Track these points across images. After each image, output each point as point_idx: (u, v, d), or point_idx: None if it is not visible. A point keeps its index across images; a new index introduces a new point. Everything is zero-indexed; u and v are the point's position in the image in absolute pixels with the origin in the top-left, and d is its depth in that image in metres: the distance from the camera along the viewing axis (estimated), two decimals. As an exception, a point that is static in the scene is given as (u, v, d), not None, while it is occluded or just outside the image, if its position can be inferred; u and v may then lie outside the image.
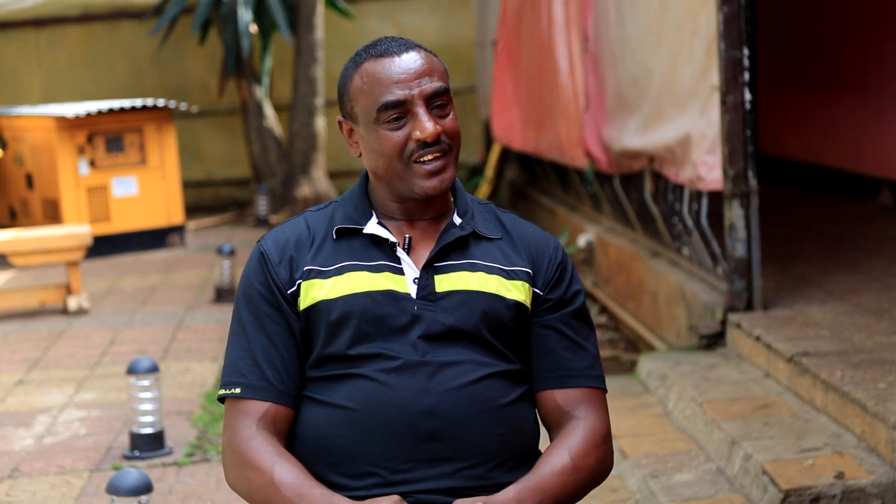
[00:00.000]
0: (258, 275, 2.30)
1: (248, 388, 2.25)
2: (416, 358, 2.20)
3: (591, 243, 7.64)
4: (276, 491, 2.17)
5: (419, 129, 2.21)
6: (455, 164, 2.27)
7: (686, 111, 5.64)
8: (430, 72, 2.23)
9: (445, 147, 2.24)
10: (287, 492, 2.16)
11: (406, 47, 2.25)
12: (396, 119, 2.22)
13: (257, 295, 2.28)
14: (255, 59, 12.19)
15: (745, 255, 5.24)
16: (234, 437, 2.25)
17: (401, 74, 2.21)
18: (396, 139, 2.22)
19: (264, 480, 2.18)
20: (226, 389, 2.28)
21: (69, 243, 7.67)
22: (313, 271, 2.26)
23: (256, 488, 2.19)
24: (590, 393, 2.31)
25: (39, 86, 13.10)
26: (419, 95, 2.21)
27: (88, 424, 5.27)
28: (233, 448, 2.25)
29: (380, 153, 2.24)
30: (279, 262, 2.28)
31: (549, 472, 2.20)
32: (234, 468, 2.25)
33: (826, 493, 3.69)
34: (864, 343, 4.68)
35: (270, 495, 2.17)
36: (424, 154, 2.22)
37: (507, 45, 9.68)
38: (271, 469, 2.18)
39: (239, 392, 2.26)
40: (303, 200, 11.59)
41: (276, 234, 2.34)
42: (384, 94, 2.21)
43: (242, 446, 2.22)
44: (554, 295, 2.31)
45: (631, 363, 6.02)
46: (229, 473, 2.28)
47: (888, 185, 8.20)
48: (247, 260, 2.35)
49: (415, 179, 2.24)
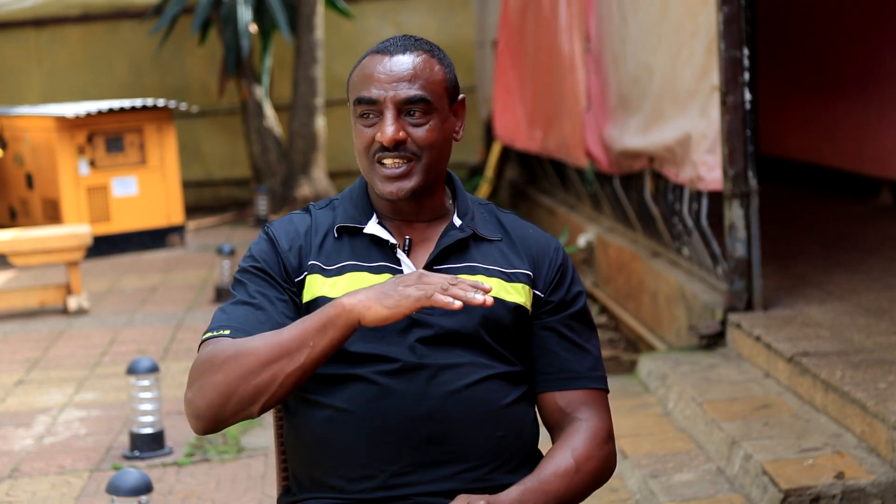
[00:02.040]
0: (265, 253, 2.27)
1: (238, 332, 2.16)
2: (414, 360, 2.19)
3: (591, 243, 7.64)
4: (266, 344, 2.06)
5: (380, 131, 2.22)
6: (423, 173, 2.24)
7: (686, 111, 5.64)
8: (413, 78, 2.22)
9: (409, 155, 2.23)
10: (283, 334, 2.07)
11: (406, 48, 2.25)
12: (367, 116, 2.23)
13: (261, 269, 2.24)
14: (255, 59, 12.19)
15: (745, 255, 5.24)
16: (202, 351, 2.15)
17: (381, 74, 2.22)
18: (365, 135, 2.24)
19: (237, 349, 2.08)
20: (213, 332, 2.17)
21: (69, 243, 7.67)
22: (317, 267, 2.25)
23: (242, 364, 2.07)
24: (592, 394, 2.30)
25: (39, 86, 13.10)
26: (391, 99, 2.21)
27: (88, 424, 5.27)
28: (201, 358, 2.13)
29: (355, 145, 2.28)
30: (289, 249, 2.27)
31: (552, 473, 2.20)
32: (204, 373, 2.10)
33: (826, 493, 3.69)
34: (864, 343, 4.68)
35: (260, 358, 2.05)
36: (384, 157, 2.23)
37: (509, 44, 9.68)
38: (244, 342, 2.09)
39: (228, 333, 2.16)
40: (303, 200, 11.59)
41: (284, 222, 2.32)
42: (362, 89, 2.24)
43: (211, 349, 2.12)
44: (555, 297, 2.31)
45: (631, 363, 6.02)
46: (198, 387, 2.10)
47: (888, 185, 8.20)
48: (251, 243, 2.32)
49: (376, 180, 2.25)
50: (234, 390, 2.08)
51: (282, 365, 2.06)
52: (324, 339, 2.06)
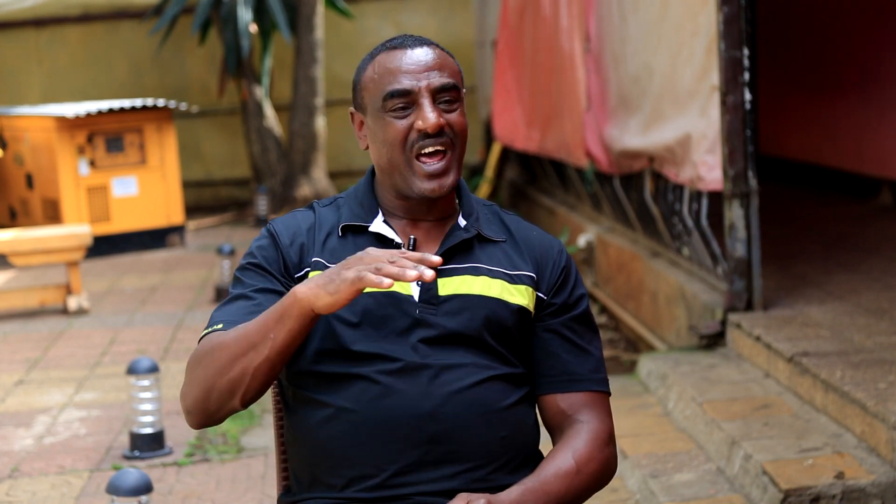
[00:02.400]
0: (265, 249, 2.27)
1: (230, 324, 2.17)
2: (417, 360, 2.19)
3: (591, 243, 7.65)
4: (235, 337, 2.09)
5: (422, 118, 2.20)
6: (458, 166, 2.26)
7: (686, 111, 5.64)
8: (441, 67, 2.24)
9: (447, 141, 2.23)
10: (249, 327, 2.09)
11: (421, 42, 2.26)
12: (402, 108, 2.22)
13: (260, 265, 2.25)
14: (255, 59, 12.19)
15: (745, 255, 5.24)
16: (195, 348, 2.19)
17: (410, 66, 2.22)
18: (400, 127, 2.22)
19: (212, 344, 2.11)
20: (208, 329, 2.19)
21: (69, 243, 7.67)
22: (320, 264, 2.25)
23: (217, 358, 2.11)
24: (593, 397, 2.30)
25: (39, 86, 13.10)
26: (426, 87, 2.22)
27: (88, 424, 5.27)
28: (192, 355, 2.17)
29: (384, 142, 2.24)
30: (290, 245, 2.27)
31: (553, 474, 2.20)
32: (191, 369, 2.15)
33: (826, 493, 3.69)
34: (864, 343, 4.68)
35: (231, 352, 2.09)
36: (426, 145, 2.21)
37: (508, 44, 9.68)
38: (219, 336, 2.13)
39: (221, 327, 2.18)
40: (303, 200, 11.59)
41: (286, 219, 2.32)
42: (392, 82, 2.22)
43: (200, 345, 2.17)
44: (558, 299, 2.31)
45: (631, 363, 6.02)
46: (186, 382, 2.16)
47: (888, 185, 8.20)
48: (252, 240, 2.32)
49: (414, 178, 2.23)
50: (213, 385, 2.12)
51: (250, 358, 2.08)
52: (282, 330, 2.06)
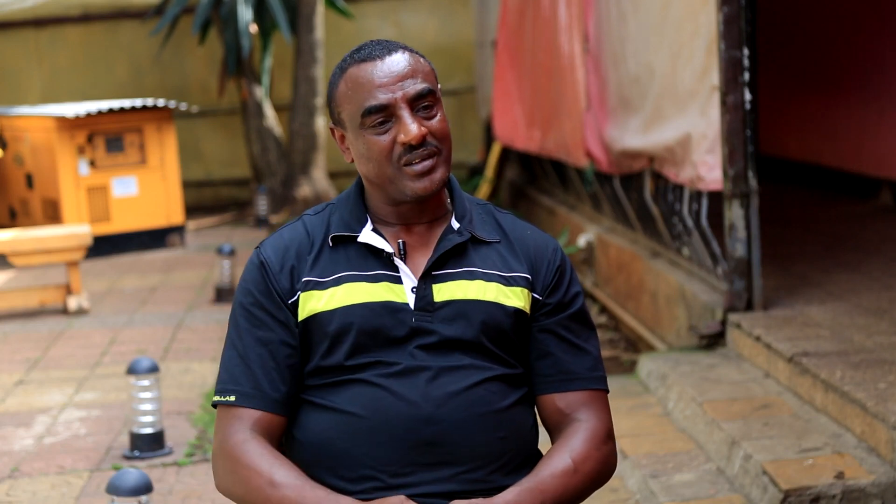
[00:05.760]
0: (257, 283, 2.27)
1: (242, 396, 2.23)
2: (415, 363, 2.19)
3: (591, 243, 7.64)
4: (275, 491, 2.15)
5: (404, 132, 2.18)
6: (446, 164, 2.24)
7: (686, 111, 5.64)
8: (414, 73, 2.21)
9: (433, 149, 2.21)
10: (288, 491, 2.14)
11: (389, 50, 2.23)
12: (381, 123, 2.20)
13: (256, 303, 2.26)
14: (255, 59, 12.19)
15: (745, 255, 5.24)
16: (227, 441, 2.23)
17: (383, 78, 2.19)
18: (383, 143, 2.20)
19: (262, 481, 2.16)
20: (220, 396, 2.26)
21: (69, 243, 7.67)
22: (311, 282, 2.24)
23: (254, 489, 2.17)
24: (591, 395, 2.30)
25: (39, 86, 13.11)
26: (402, 98, 2.19)
27: (88, 424, 5.27)
28: (225, 451, 2.23)
29: (368, 158, 2.22)
30: (280, 271, 2.26)
31: (550, 473, 2.19)
32: (228, 472, 2.23)
33: (826, 493, 3.69)
34: (864, 343, 4.68)
35: (269, 496, 2.15)
36: (412, 158, 2.19)
37: (508, 44, 9.68)
38: (269, 470, 2.17)
39: (233, 400, 2.24)
40: (303, 200, 11.59)
41: (274, 240, 2.31)
42: (367, 98, 2.19)
43: (237, 449, 2.21)
44: (553, 299, 2.30)
45: (631, 363, 6.02)
46: (222, 477, 2.26)
47: (888, 185, 8.20)
48: (245, 267, 2.32)
49: (405, 182, 2.21)
50: (245, 500, 2.24)
51: None
52: None
